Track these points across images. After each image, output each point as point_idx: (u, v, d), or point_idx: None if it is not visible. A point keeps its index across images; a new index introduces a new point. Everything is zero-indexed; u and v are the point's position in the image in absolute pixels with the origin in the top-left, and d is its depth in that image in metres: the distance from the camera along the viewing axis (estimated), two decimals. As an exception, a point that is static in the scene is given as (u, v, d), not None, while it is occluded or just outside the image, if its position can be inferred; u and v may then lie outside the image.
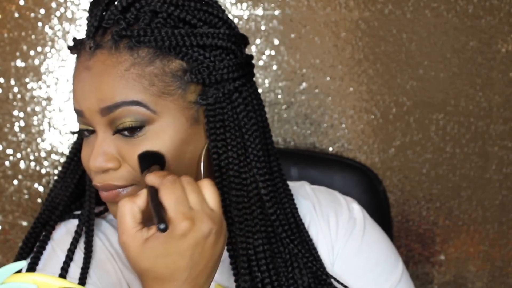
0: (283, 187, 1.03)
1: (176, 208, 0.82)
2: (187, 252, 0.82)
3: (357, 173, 1.39)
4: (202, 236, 0.82)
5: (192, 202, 0.84)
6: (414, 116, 1.60)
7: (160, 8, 0.94)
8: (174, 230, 0.82)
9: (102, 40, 0.93)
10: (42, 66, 1.51)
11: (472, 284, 1.67)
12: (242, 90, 0.98)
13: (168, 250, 0.82)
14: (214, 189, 0.86)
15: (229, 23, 0.99)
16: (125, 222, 0.83)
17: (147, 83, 0.92)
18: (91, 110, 0.93)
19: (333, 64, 1.57)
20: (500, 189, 1.64)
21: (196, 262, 0.83)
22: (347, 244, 1.07)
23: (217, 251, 0.85)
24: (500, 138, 1.63)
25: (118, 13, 0.94)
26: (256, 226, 0.97)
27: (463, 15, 1.58)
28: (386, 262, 1.08)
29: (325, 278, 1.01)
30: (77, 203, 1.05)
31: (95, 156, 0.93)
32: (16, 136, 1.52)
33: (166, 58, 0.93)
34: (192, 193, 0.84)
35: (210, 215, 0.84)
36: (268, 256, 0.97)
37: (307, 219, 1.08)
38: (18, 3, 1.50)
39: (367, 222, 1.10)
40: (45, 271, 0.98)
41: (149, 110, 0.92)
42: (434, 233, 1.64)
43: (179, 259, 0.82)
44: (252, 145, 0.97)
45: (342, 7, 1.55)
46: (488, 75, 1.60)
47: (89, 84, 0.93)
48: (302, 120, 1.58)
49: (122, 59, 0.92)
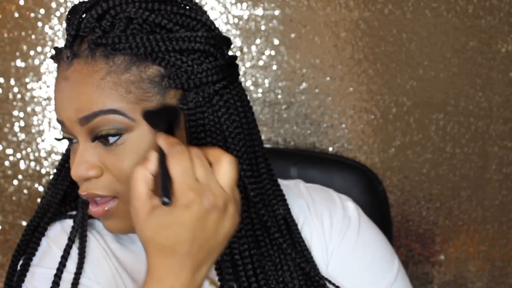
0: (272, 188, 1.02)
1: (182, 179, 0.82)
2: (189, 224, 0.81)
3: (357, 173, 1.39)
4: (204, 210, 0.82)
5: (199, 175, 0.83)
6: (414, 116, 1.60)
7: (135, 14, 0.92)
8: (177, 201, 0.82)
9: (79, 49, 0.93)
10: (42, 66, 1.51)
11: (472, 284, 1.67)
12: (224, 93, 0.96)
13: (170, 220, 0.81)
14: (231, 168, 0.85)
15: (208, 25, 0.97)
16: (137, 189, 0.83)
17: (123, 91, 0.91)
18: (70, 120, 0.93)
19: (333, 64, 1.57)
20: (500, 189, 1.64)
21: (197, 236, 0.82)
22: (342, 243, 1.07)
23: (222, 230, 0.84)
24: (500, 138, 1.63)
25: (93, 21, 0.92)
26: (241, 231, 0.96)
27: (463, 15, 1.58)
28: (381, 260, 1.07)
29: (317, 280, 1.01)
30: (72, 204, 1.05)
31: (77, 165, 0.93)
32: (16, 136, 1.53)
33: (142, 64, 0.92)
34: (200, 167, 0.83)
35: (215, 191, 0.83)
36: (256, 261, 0.97)
37: (300, 219, 1.07)
38: (18, 3, 1.50)
39: (362, 220, 1.10)
40: (40, 267, 0.99)
41: (127, 117, 0.91)
42: (434, 233, 1.64)
43: (181, 230, 0.81)
44: (236, 148, 0.96)
45: (342, 7, 1.55)
46: (488, 75, 1.60)
47: (67, 94, 0.92)
48: (302, 120, 1.58)
49: (97, 68, 0.91)
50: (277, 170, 1.07)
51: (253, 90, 1.57)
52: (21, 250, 1.03)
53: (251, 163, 0.98)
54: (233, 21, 1.54)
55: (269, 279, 0.98)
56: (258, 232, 0.98)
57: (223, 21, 1.54)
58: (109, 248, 1.02)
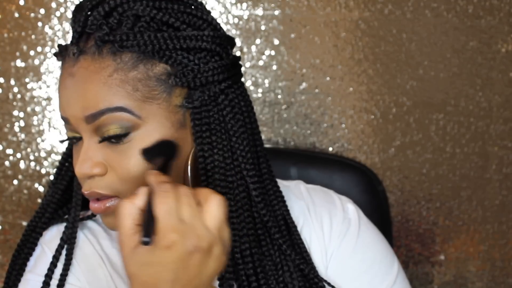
0: (273, 188, 1.02)
1: (166, 219, 0.80)
2: (170, 265, 0.80)
3: (357, 173, 1.39)
4: (186, 251, 0.80)
5: (184, 215, 0.81)
6: (414, 116, 1.60)
7: (143, 12, 0.92)
8: (159, 241, 0.80)
9: (86, 46, 0.92)
10: (42, 66, 1.51)
11: (472, 284, 1.67)
12: (229, 92, 0.96)
13: (152, 259, 0.80)
14: (219, 208, 0.83)
15: (213, 25, 0.97)
16: (123, 224, 0.82)
17: (130, 89, 0.91)
18: (76, 118, 0.92)
19: (333, 64, 1.57)
20: (500, 189, 1.64)
21: (179, 277, 0.81)
22: (341, 246, 1.06)
23: (205, 271, 0.82)
24: (500, 138, 1.63)
25: (100, 18, 0.92)
26: (243, 230, 0.96)
27: (463, 15, 1.58)
28: (381, 263, 1.07)
29: (316, 282, 1.00)
30: (69, 206, 1.05)
31: (81, 162, 0.93)
32: (16, 136, 1.53)
33: (149, 62, 0.92)
34: (186, 206, 0.81)
35: (200, 232, 0.81)
36: (256, 260, 0.96)
37: (300, 221, 1.07)
38: (18, 3, 1.50)
39: (362, 222, 1.09)
40: (34, 273, 0.99)
41: (133, 115, 0.91)
42: (434, 233, 1.64)
43: (162, 270, 0.80)
44: (240, 147, 0.96)
45: (342, 7, 1.55)
46: (488, 75, 1.60)
47: (73, 91, 0.92)
48: (302, 120, 1.58)
49: (105, 65, 0.91)
50: (277, 170, 1.07)
51: (253, 90, 1.57)
52: (20, 252, 1.03)
53: (254, 162, 0.98)
54: (233, 21, 1.54)
55: (269, 279, 0.97)
56: (259, 232, 0.98)
57: (223, 21, 1.54)
58: (104, 254, 1.02)
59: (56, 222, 1.03)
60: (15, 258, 1.03)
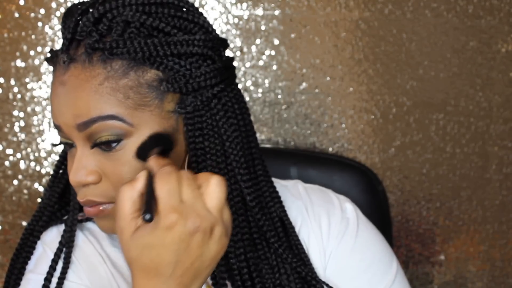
0: (269, 190, 1.02)
1: (167, 199, 0.80)
2: (171, 246, 0.80)
3: (357, 173, 1.39)
4: (187, 232, 0.80)
5: (185, 197, 0.81)
6: (414, 116, 1.60)
7: (132, 18, 0.91)
8: (160, 221, 0.80)
9: (76, 54, 0.91)
10: (42, 66, 1.51)
11: (472, 284, 1.67)
12: (221, 96, 0.96)
13: (153, 241, 0.80)
14: (219, 189, 0.83)
15: (205, 27, 0.96)
16: (123, 208, 0.82)
17: (122, 96, 0.90)
18: (68, 126, 0.92)
19: (333, 64, 1.57)
20: (500, 189, 1.64)
21: (181, 259, 0.81)
22: (340, 245, 1.06)
23: (207, 253, 0.82)
24: (500, 138, 1.63)
25: (90, 25, 0.91)
26: (237, 235, 0.95)
27: (463, 15, 1.58)
28: (380, 263, 1.07)
29: (314, 284, 1.00)
30: (68, 208, 1.05)
31: (75, 171, 0.92)
32: (16, 136, 1.53)
33: (140, 69, 0.91)
34: (187, 188, 0.82)
35: (200, 213, 0.81)
36: (252, 264, 0.96)
37: (298, 221, 1.07)
38: (18, 3, 1.50)
39: (360, 222, 1.09)
40: (35, 273, 0.99)
41: (125, 123, 0.90)
42: (434, 233, 1.64)
43: (163, 252, 0.80)
44: (233, 152, 0.96)
45: (342, 7, 1.55)
46: (488, 75, 1.60)
47: (65, 99, 0.91)
48: (302, 120, 1.58)
49: (95, 73, 0.90)
50: (277, 170, 1.07)
51: (253, 90, 1.57)
52: (19, 254, 1.03)
53: (248, 165, 0.98)
54: (233, 21, 1.54)
55: (265, 282, 0.97)
56: (255, 235, 0.98)
57: (223, 21, 1.54)
58: (105, 253, 1.02)
59: (55, 223, 1.03)
60: (15, 259, 1.03)
